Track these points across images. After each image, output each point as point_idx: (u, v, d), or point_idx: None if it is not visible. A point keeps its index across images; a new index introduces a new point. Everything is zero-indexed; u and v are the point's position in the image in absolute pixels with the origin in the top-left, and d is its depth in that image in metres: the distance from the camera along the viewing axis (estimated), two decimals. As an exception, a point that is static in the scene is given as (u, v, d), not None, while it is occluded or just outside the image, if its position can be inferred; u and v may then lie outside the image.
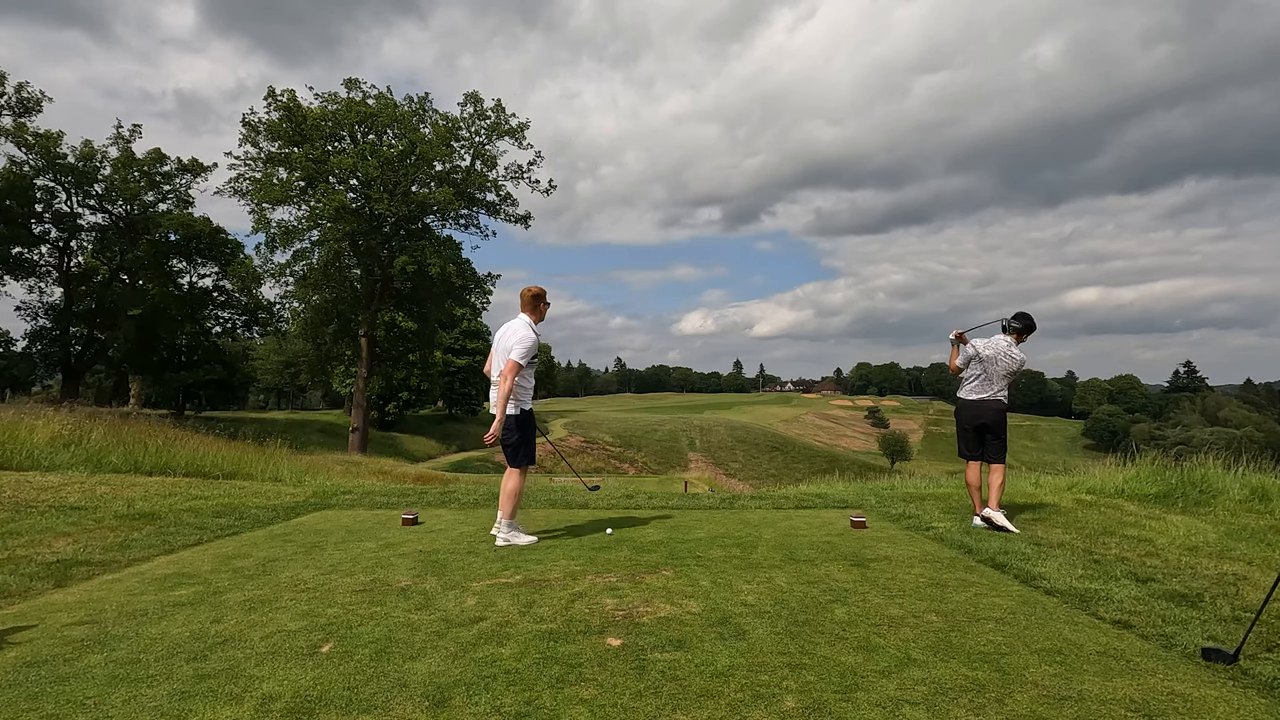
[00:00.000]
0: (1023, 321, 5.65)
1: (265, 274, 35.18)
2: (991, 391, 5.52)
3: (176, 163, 38.74)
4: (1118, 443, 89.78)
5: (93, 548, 4.61)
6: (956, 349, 5.69)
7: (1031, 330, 5.68)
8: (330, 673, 2.54)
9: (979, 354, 5.58)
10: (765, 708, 2.25)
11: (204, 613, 3.28)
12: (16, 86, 33.13)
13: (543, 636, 2.94)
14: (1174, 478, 7.07)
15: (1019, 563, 4.21)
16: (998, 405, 5.50)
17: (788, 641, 2.87)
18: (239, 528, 5.52)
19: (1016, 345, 5.59)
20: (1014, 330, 5.63)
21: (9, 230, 33.67)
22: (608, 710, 2.24)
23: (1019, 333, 5.64)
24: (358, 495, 7.33)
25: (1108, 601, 3.44)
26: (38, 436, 9.08)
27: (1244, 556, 4.51)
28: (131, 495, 6.74)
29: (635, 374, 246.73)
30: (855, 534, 5.26)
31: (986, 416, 5.51)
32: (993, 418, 5.50)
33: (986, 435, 5.55)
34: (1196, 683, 2.47)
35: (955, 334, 5.67)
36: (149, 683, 2.45)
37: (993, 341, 5.61)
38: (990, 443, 5.55)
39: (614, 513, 6.33)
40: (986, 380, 5.54)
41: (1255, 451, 9.14)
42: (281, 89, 31.47)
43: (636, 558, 4.43)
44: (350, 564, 4.27)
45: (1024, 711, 2.23)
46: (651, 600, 3.46)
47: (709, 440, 76.80)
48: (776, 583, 3.81)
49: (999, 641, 2.88)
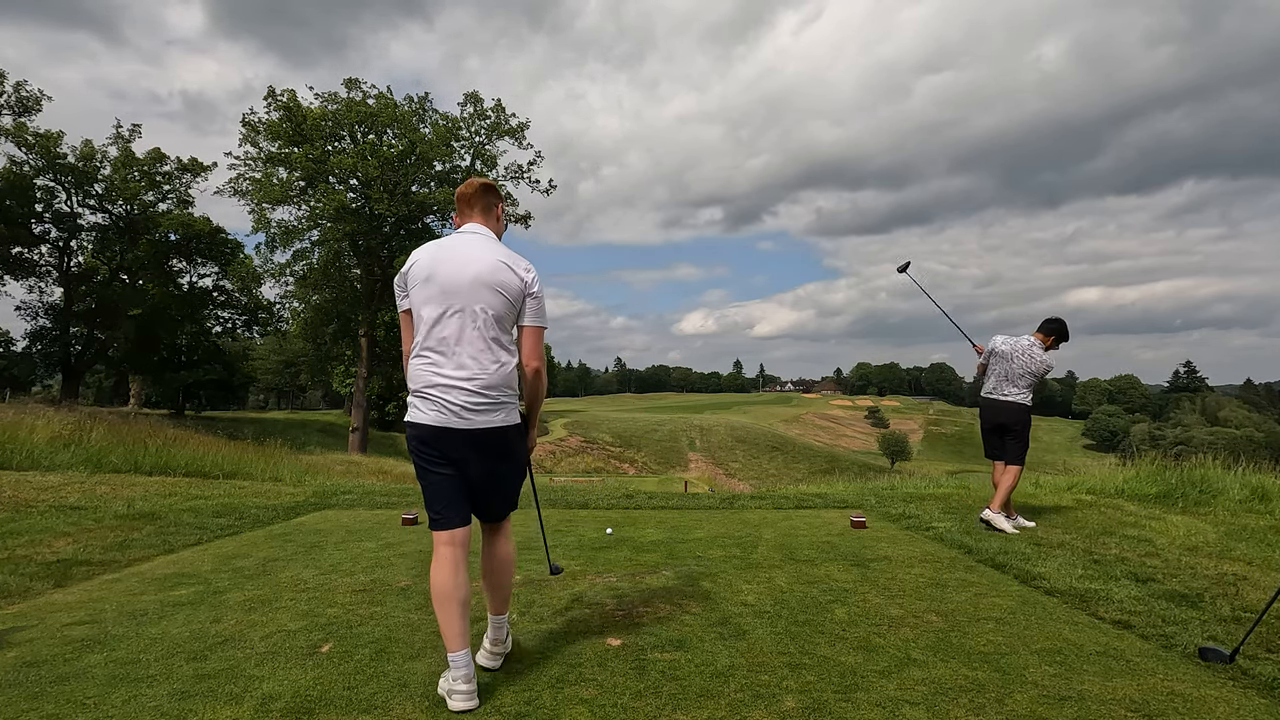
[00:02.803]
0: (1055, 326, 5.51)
1: (265, 274, 35.23)
2: (1009, 390, 5.41)
3: (176, 162, 38.75)
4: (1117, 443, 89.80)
5: (93, 547, 4.60)
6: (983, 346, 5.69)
7: (1064, 337, 5.53)
8: (330, 673, 2.54)
9: (997, 348, 5.50)
10: (765, 708, 2.26)
11: (204, 613, 3.27)
12: (15, 85, 33.10)
13: (543, 636, 2.94)
14: (1174, 478, 7.08)
15: (1019, 563, 4.21)
16: (1016, 405, 5.38)
17: (788, 641, 2.87)
18: (239, 528, 5.52)
19: (1044, 349, 5.46)
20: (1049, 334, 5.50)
21: (9, 230, 33.67)
22: (607, 710, 2.24)
23: (1049, 336, 5.50)
24: (358, 495, 7.33)
25: (1108, 602, 3.44)
26: (38, 436, 9.08)
27: (1244, 557, 4.52)
28: (131, 495, 6.74)
29: (635, 374, 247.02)
30: (855, 534, 5.26)
31: (1004, 416, 5.41)
32: (1010, 417, 5.38)
33: (1005, 435, 5.44)
34: (1196, 683, 2.47)
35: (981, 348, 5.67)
36: (149, 682, 2.45)
37: (1016, 340, 5.50)
38: (1008, 443, 5.43)
39: (614, 513, 6.33)
40: (1005, 378, 5.43)
41: (1255, 452, 9.16)
42: (282, 89, 31.56)
43: (636, 558, 4.43)
44: (350, 564, 4.27)
45: (1024, 711, 2.23)
46: (651, 600, 3.46)
47: (709, 440, 76.81)
48: (776, 583, 3.81)
49: (999, 641, 2.88)
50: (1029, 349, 5.42)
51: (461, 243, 2.46)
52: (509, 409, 2.47)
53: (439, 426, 2.37)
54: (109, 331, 38.48)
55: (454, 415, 2.36)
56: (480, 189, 2.59)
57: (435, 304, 2.38)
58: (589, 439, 69.14)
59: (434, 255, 2.43)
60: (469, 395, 2.36)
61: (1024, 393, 5.41)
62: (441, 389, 2.36)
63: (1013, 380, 5.41)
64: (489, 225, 2.59)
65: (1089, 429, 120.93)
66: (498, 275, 2.40)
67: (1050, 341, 5.52)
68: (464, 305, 2.37)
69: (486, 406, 2.39)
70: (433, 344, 2.38)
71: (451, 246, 2.45)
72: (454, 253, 2.42)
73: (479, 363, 2.38)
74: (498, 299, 2.40)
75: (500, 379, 2.41)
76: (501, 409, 2.43)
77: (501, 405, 2.43)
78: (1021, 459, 5.44)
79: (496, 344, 2.41)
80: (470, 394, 2.36)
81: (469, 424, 2.37)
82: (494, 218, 2.62)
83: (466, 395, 2.36)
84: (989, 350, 5.56)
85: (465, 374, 2.37)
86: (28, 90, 33.53)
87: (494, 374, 2.39)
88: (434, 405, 2.37)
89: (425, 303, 2.39)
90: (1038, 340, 5.50)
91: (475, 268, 2.39)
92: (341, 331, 34.98)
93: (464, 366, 2.37)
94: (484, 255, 2.42)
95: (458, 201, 2.62)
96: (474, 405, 2.37)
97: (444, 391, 2.36)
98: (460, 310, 2.37)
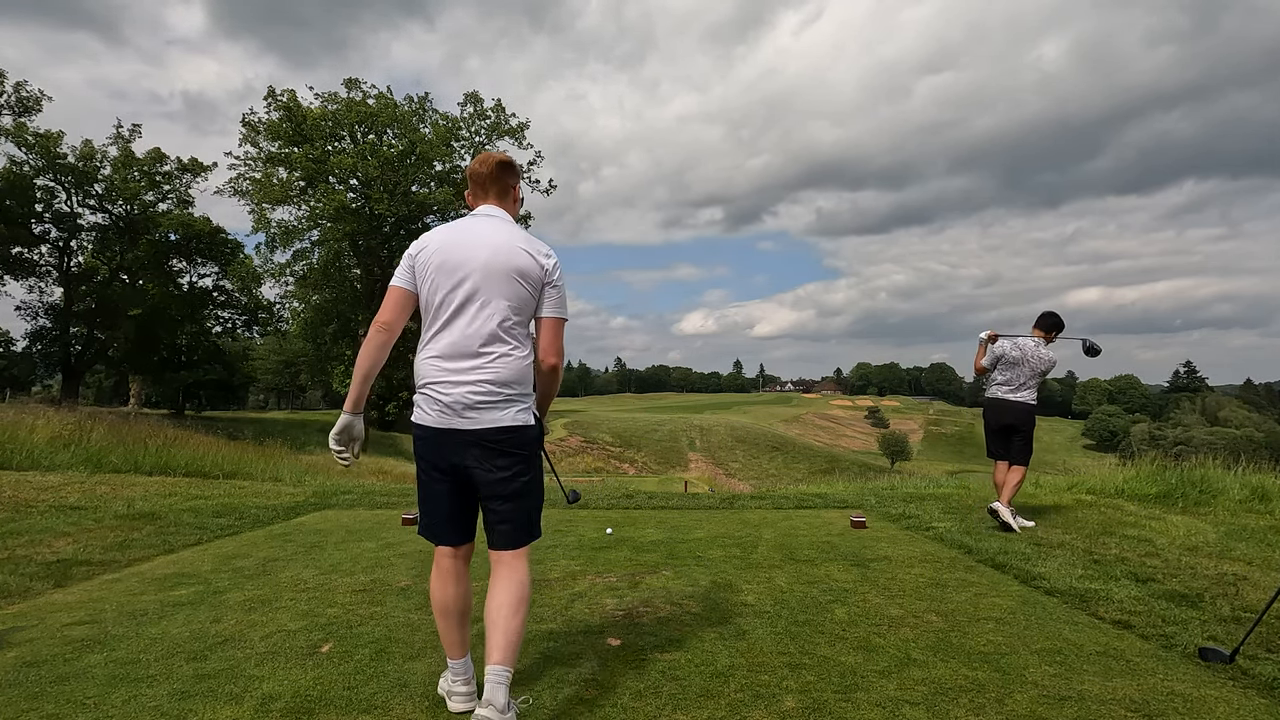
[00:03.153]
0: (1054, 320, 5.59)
1: (265, 274, 35.26)
2: (1019, 391, 5.47)
3: (176, 162, 38.78)
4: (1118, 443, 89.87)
5: (93, 547, 4.61)
6: (984, 348, 5.67)
7: (1059, 329, 5.62)
8: (330, 672, 2.54)
9: (1006, 354, 5.52)
10: (765, 707, 2.26)
11: (204, 612, 3.27)
12: (15, 85, 33.13)
13: (543, 636, 2.94)
14: (1174, 478, 7.10)
15: (1019, 563, 4.21)
16: (1025, 406, 5.47)
17: (787, 641, 2.87)
18: (239, 528, 5.52)
19: (1045, 345, 5.53)
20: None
21: (9, 230, 33.69)
22: (607, 710, 2.24)
23: (1049, 332, 5.58)
24: (358, 495, 7.33)
25: (1107, 601, 3.44)
26: (38, 436, 9.09)
27: (1244, 557, 4.52)
28: (131, 495, 6.74)
29: (635, 374, 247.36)
30: (855, 534, 5.27)
31: (1013, 417, 5.48)
32: (1019, 418, 5.46)
33: (1013, 435, 5.51)
34: (1196, 683, 2.47)
35: (988, 334, 5.64)
36: (149, 682, 2.45)
37: (1020, 342, 5.56)
38: (1015, 443, 5.50)
39: (614, 513, 6.33)
40: (1015, 380, 5.48)
41: (1255, 452, 9.18)
42: (282, 89, 31.61)
43: (636, 558, 4.43)
44: (350, 564, 4.28)
45: (1024, 711, 2.23)
46: (651, 600, 3.47)
47: (709, 440, 76.94)
48: (776, 583, 3.82)
49: (999, 641, 2.88)
50: (1035, 350, 5.48)
51: (477, 225, 2.24)
52: (521, 406, 2.19)
53: (442, 428, 2.15)
54: (109, 331, 38.50)
55: (458, 415, 2.13)
56: (497, 168, 2.32)
57: (445, 292, 2.16)
58: (589, 439, 69.20)
59: (446, 239, 2.21)
60: (476, 391, 2.13)
61: (1033, 393, 5.50)
62: (447, 385, 2.14)
63: (1023, 382, 5.47)
64: (505, 208, 2.34)
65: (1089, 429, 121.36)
66: (515, 261, 2.17)
67: (1051, 337, 5.60)
68: (477, 294, 2.15)
69: (496, 403, 2.14)
70: (441, 335, 2.17)
71: (466, 229, 2.23)
72: (468, 236, 2.20)
73: (491, 356, 2.15)
74: (515, 288, 2.17)
75: (514, 374, 2.17)
76: (513, 405, 2.17)
77: (513, 401, 2.17)
78: (1028, 459, 5.51)
79: (512, 336, 2.18)
80: (478, 390, 2.13)
81: (474, 423, 2.13)
82: (511, 200, 2.37)
83: (474, 391, 2.13)
84: (995, 356, 5.57)
85: (473, 366, 2.14)
86: (28, 90, 33.56)
87: (507, 368, 2.16)
88: (437, 404, 2.15)
89: (435, 290, 2.17)
90: (1040, 338, 5.57)
91: (490, 254, 2.16)
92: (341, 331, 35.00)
93: (474, 359, 2.14)
94: (501, 240, 2.19)
95: (471, 180, 2.36)
96: (482, 402, 2.12)
97: (450, 388, 2.13)
98: (473, 299, 2.15)
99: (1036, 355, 5.46)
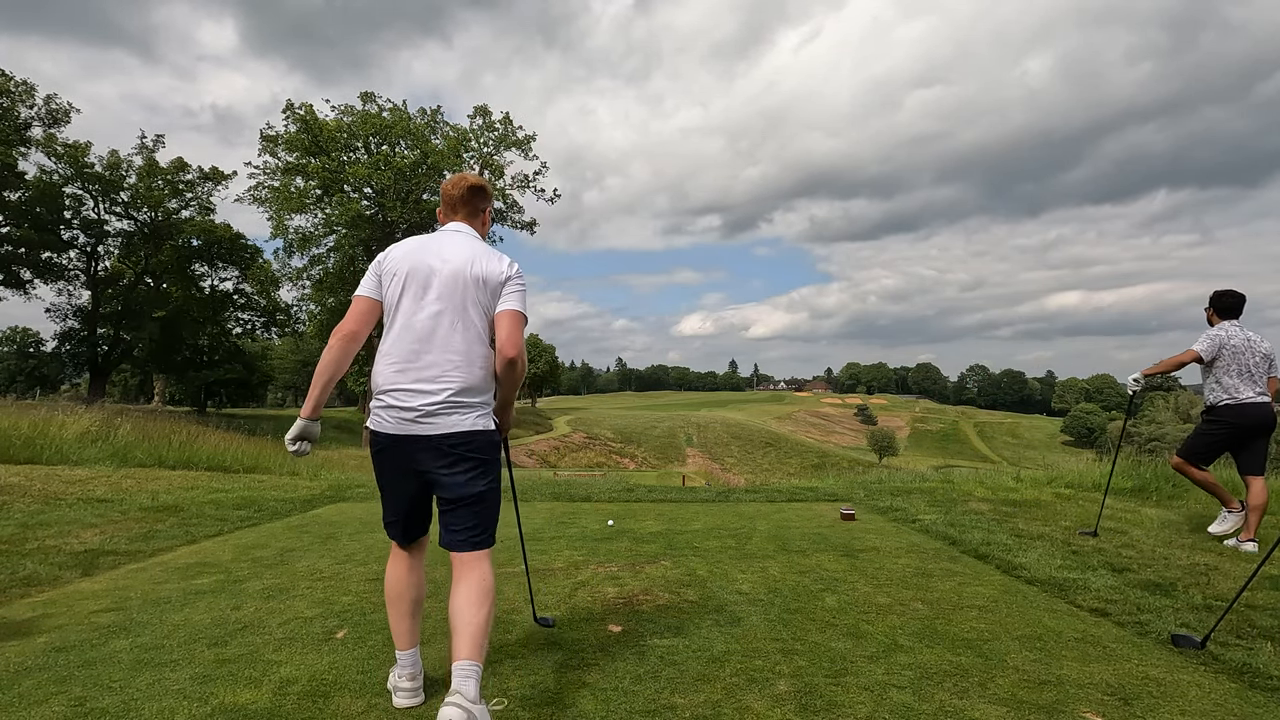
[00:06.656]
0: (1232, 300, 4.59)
1: (283, 278, 35.92)
2: (1261, 389, 4.50)
3: (198, 171, 39.47)
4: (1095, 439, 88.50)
5: (119, 538, 4.73)
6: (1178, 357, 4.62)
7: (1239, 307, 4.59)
8: (345, 658, 2.59)
9: (1230, 344, 4.46)
10: (759, 691, 2.31)
11: (224, 600, 3.36)
12: (46, 98, 33.89)
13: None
14: (1148, 472, 7.19)
15: (1001, 553, 4.30)
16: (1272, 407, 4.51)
17: (780, 628, 2.94)
18: (258, 519, 5.66)
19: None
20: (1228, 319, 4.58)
21: (39, 236, 34.51)
22: (609, 693, 2.28)
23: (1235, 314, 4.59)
24: (371, 489, 7.46)
25: (1085, 590, 3.50)
26: (67, 432, 9.35)
27: (1214, 548, 4.58)
28: (156, 488, 6.93)
29: (636, 373, 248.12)
30: (845, 526, 5.36)
31: (1265, 417, 4.44)
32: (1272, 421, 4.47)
33: (1258, 441, 4.54)
34: (1170, 668, 2.53)
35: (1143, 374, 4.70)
36: (172, 667, 2.50)
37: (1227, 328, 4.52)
38: (1259, 450, 4.54)
39: (615, 505, 6.45)
40: (1250, 376, 4.47)
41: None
42: (300, 103, 32.13)
43: (636, 548, 4.53)
44: (364, 554, 4.40)
45: (1005, 695, 2.27)
46: (651, 589, 3.55)
47: (706, 436, 77.47)
48: (770, 572, 3.90)
49: (982, 628, 2.94)
50: (1253, 339, 4.52)
51: (443, 238, 2.29)
52: (481, 411, 2.18)
53: (401, 434, 2.13)
54: (134, 332, 39.26)
55: (413, 422, 2.11)
56: (468, 191, 2.36)
57: (407, 299, 2.17)
58: (591, 435, 69.47)
59: (411, 248, 2.25)
60: (434, 398, 2.11)
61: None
62: (405, 392, 2.12)
63: (1256, 378, 4.49)
64: (474, 227, 2.38)
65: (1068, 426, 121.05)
66: (476, 269, 2.19)
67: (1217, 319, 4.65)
68: (438, 300, 2.16)
69: (455, 408, 2.12)
70: (400, 341, 2.16)
71: (432, 240, 2.28)
72: (433, 245, 2.25)
73: (451, 362, 2.13)
74: (476, 295, 2.18)
75: (473, 380, 2.15)
76: (472, 411, 2.15)
77: (472, 407, 2.15)
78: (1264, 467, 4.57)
79: (474, 342, 2.18)
80: (435, 396, 2.11)
81: (433, 429, 2.11)
82: (480, 221, 2.41)
83: (431, 399, 2.11)
84: (1218, 345, 4.49)
85: (433, 374, 2.12)
86: (57, 103, 34.32)
87: (467, 374, 2.14)
88: (394, 412, 2.13)
89: (397, 297, 2.19)
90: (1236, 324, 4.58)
91: (455, 265, 2.19)
92: (356, 333, 35.42)
93: (433, 366, 2.13)
94: (464, 252, 2.23)
95: (443, 198, 2.39)
96: (441, 408, 2.11)
97: (408, 396, 2.12)
98: (433, 305, 2.16)
99: (1259, 346, 4.46)
